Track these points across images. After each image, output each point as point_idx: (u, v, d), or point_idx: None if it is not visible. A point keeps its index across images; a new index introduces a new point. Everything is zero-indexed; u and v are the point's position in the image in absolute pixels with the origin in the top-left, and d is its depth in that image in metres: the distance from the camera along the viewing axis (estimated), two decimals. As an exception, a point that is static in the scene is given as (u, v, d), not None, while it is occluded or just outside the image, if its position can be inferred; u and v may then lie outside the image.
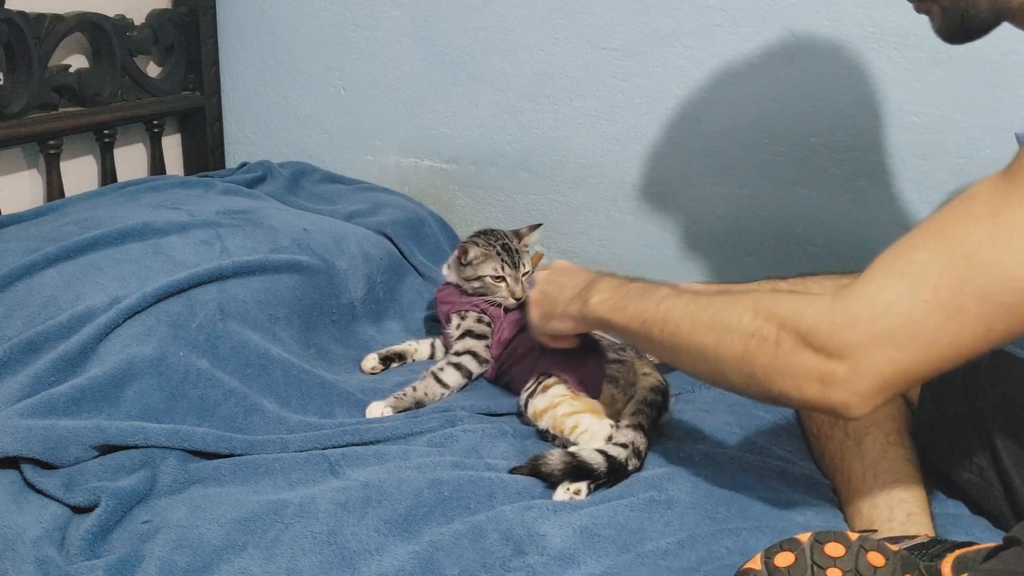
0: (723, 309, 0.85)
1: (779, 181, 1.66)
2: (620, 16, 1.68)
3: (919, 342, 0.74)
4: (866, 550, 0.70)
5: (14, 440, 0.97)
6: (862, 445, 1.01)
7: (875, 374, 0.75)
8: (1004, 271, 0.71)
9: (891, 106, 1.55)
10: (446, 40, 1.82)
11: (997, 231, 0.72)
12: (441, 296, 1.40)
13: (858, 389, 0.76)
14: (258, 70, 1.97)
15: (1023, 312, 0.72)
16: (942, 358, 0.75)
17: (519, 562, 0.85)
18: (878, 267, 0.78)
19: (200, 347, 1.14)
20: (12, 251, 1.23)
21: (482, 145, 1.84)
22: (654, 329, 0.91)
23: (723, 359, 0.84)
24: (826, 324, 0.76)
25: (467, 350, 1.30)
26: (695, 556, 0.86)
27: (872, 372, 0.75)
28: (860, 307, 0.76)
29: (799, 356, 0.77)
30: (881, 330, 0.74)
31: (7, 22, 1.44)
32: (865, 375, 0.75)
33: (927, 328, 0.73)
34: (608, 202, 1.78)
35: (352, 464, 1.02)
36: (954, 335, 0.73)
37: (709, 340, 0.85)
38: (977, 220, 0.73)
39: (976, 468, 0.99)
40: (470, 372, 1.28)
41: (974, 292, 0.72)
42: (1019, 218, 0.71)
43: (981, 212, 0.73)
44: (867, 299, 0.76)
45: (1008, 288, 0.71)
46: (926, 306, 0.73)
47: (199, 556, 0.87)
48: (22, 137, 1.51)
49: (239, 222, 1.41)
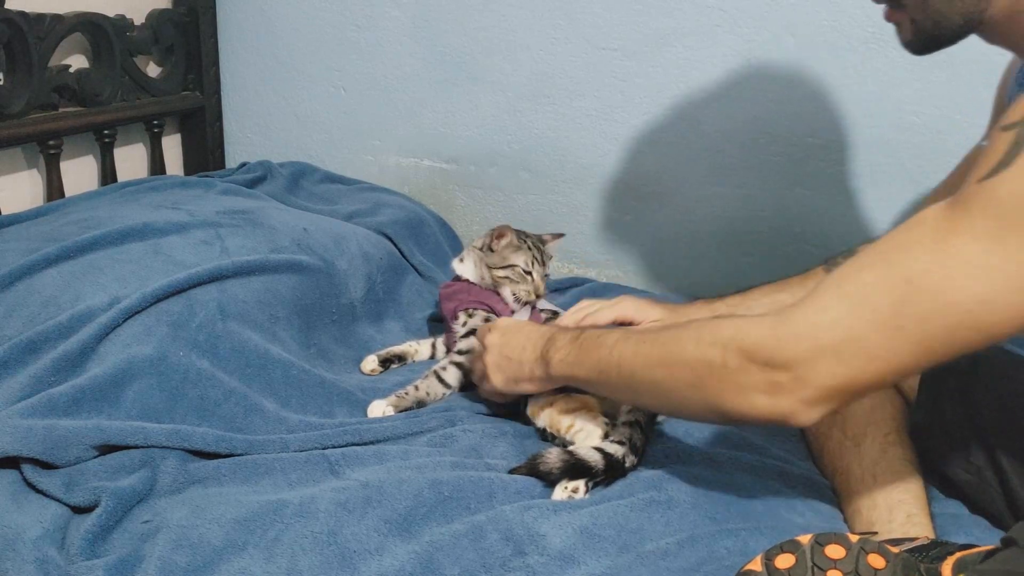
0: (669, 343, 0.88)
1: (778, 181, 1.66)
2: (620, 16, 1.68)
3: (860, 356, 0.77)
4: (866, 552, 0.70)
5: (14, 440, 0.97)
6: (861, 446, 1.01)
7: (819, 384, 0.79)
8: (944, 296, 0.74)
9: (891, 106, 1.55)
10: (446, 40, 1.82)
11: (941, 258, 0.75)
12: (447, 292, 1.38)
13: (803, 397, 0.79)
14: (258, 70, 1.97)
15: (963, 335, 0.75)
16: (883, 373, 0.78)
17: (519, 562, 0.85)
18: (825, 287, 0.81)
19: (200, 347, 1.14)
20: (12, 251, 1.23)
21: (482, 145, 1.84)
22: (611, 375, 0.94)
23: (678, 390, 0.87)
24: (771, 340, 0.80)
25: (470, 349, 1.29)
26: (695, 556, 0.86)
27: (815, 382, 0.79)
28: (805, 323, 0.79)
29: (746, 372, 0.81)
30: (824, 344, 0.78)
31: (7, 22, 1.44)
32: (809, 384, 0.79)
33: (868, 344, 0.77)
34: (608, 202, 1.78)
35: (352, 464, 1.02)
36: (895, 352, 0.77)
37: (661, 375, 0.88)
38: (923, 246, 0.76)
39: (974, 468, 0.99)
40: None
41: (915, 314, 0.75)
42: (962, 246, 0.74)
43: (927, 239, 0.76)
44: (811, 316, 0.79)
45: (948, 312, 0.74)
46: (868, 323, 0.77)
47: (199, 556, 0.87)
48: (22, 137, 1.51)
49: (239, 222, 1.41)
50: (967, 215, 0.74)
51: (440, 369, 1.26)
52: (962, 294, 0.73)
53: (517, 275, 1.33)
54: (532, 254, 1.34)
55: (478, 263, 1.37)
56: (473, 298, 1.34)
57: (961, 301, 0.74)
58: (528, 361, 1.07)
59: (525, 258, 1.33)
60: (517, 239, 1.35)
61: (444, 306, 1.38)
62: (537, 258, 1.34)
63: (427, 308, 1.57)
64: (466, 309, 1.33)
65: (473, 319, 1.32)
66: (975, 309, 0.73)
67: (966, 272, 0.73)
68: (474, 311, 1.33)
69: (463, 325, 1.32)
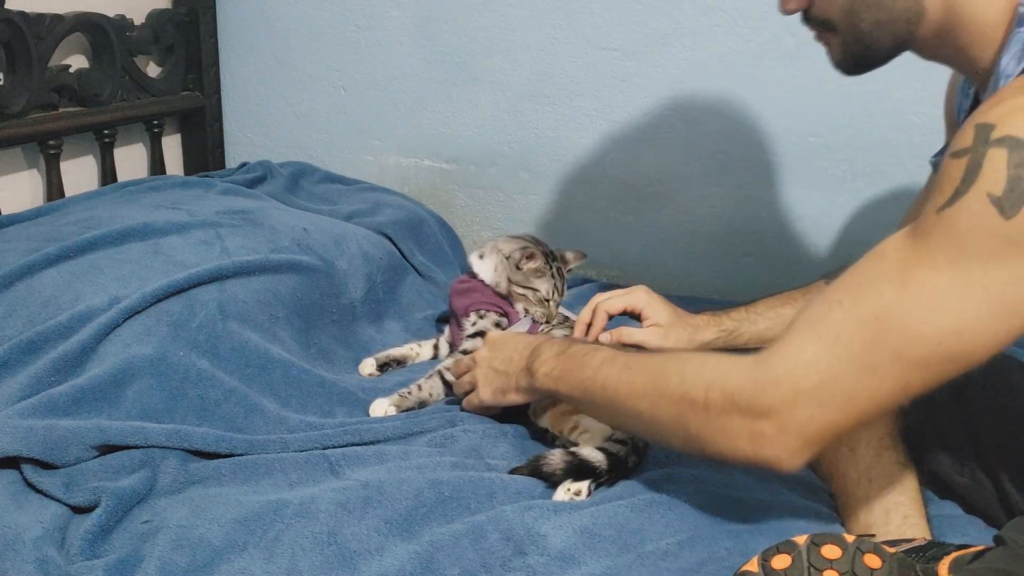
0: (655, 374, 0.88)
1: (778, 181, 1.66)
2: (620, 16, 1.68)
3: (839, 399, 0.77)
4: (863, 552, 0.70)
5: (14, 440, 0.97)
6: (856, 451, 1.01)
7: (800, 432, 0.79)
8: (913, 330, 0.74)
9: (891, 106, 1.55)
10: (446, 40, 1.82)
11: (906, 292, 0.75)
12: (462, 288, 1.36)
13: (787, 446, 0.80)
14: (258, 70, 1.97)
15: (937, 367, 0.75)
16: (863, 411, 0.79)
17: (519, 562, 0.85)
18: (798, 328, 0.81)
19: (200, 347, 1.14)
20: (12, 251, 1.23)
21: (482, 145, 1.84)
22: (595, 396, 0.94)
23: (659, 422, 0.88)
24: (750, 386, 0.80)
25: (475, 350, 1.29)
26: (695, 557, 0.86)
27: (797, 430, 0.79)
28: (782, 368, 0.79)
29: (727, 418, 0.81)
30: (802, 389, 0.78)
31: (7, 22, 1.44)
32: (791, 433, 0.79)
33: (845, 385, 0.77)
34: (608, 202, 1.78)
35: (352, 464, 1.02)
36: (873, 390, 0.77)
37: (644, 405, 0.88)
38: (888, 280, 0.76)
39: (968, 470, 0.99)
40: None
41: (887, 350, 0.75)
42: (924, 278, 0.74)
43: (890, 272, 0.76)
44: (788, 360, 0.79)
45: (918, 346, 0.74)
46: (842, 364, 0.77)
47: (199, 556, 0.86)
48: (22, 137, 1.51)
49: (239, 222, 1.41)
50: (927, 246, 0.74)
51: (444, 369, 1.25)
52: (930, 327, 0.73)
53: (536, 299, 1.32)
54: (555, 283, 1.33)
55: (499, 268, 1.35)
56: (487, 300, 1.33)
57: (930, 334, 0.74)
58: (514, 372, 1.07)
59: (547, 287, 1.32)
60: (544, 265, 1.33)
61: (456, 301, 1.36)
62: (558, 287, 1.34)
63: (427, 308, 1.56)
64: (478, 310, 1.32)
65: (483, 321, 1.31)
66: (946, 341, 0.74)
67: (932, 304, 0.73)
68: (486, 313, 1.32)
69: (472, 325, 1.31)
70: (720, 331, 1.22)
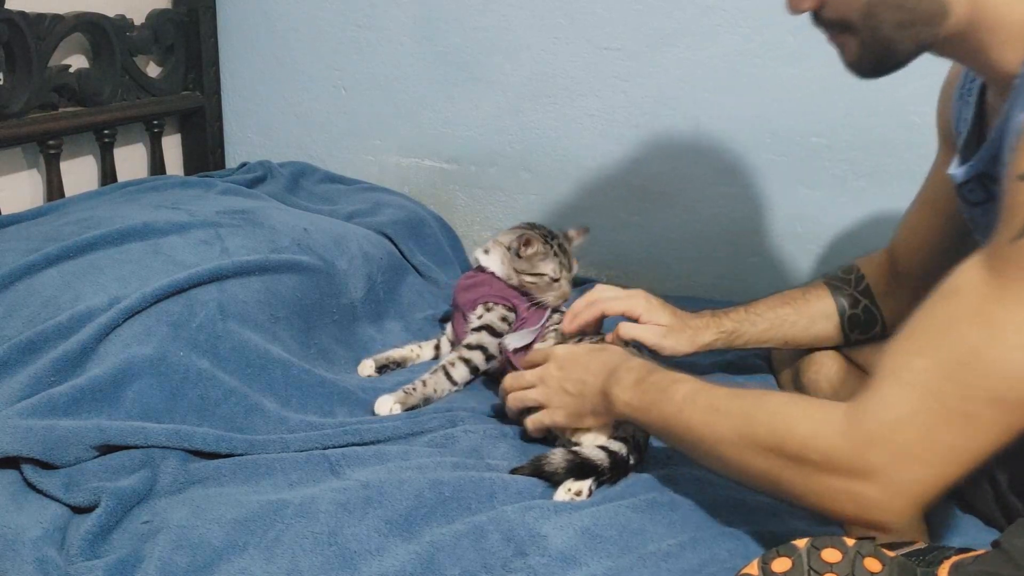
0: (740, 422, 0.84)
1: (780, 181, 1.66)
2: (621, 16, 1.68)
3: (940, 455, 0.74)
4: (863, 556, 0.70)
5: (14, 440, 0.97)
6: None
7: (908, 493, 0.75)
8: (1005, 371, 0.70)
9: (891, 106, 1.55)
10: (447, 40, 1.82)
11: (990, 332, 0.71)
12: (469, 282, 1.35)
13: (895, 509, 0.76)
14: (258, 70, 1.97)
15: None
16: (969, 461, 0.74)
17: (520, 563, 0.85)
18: (883, 376, 0.77)
19: (200, 347, 1.14)
20: (12, 251, 1.23)
21: (482, 145, 1.84)
22: (681, 436, 0.91)
23: (749, 474, 0.85)
24: (846, 447, 0.76)
25: (479, 344, 1.28)
26: (697, 558, 0.86)
27: (906, 491, 0.75)
28: (875, 425, 0.75)
29: (825, 478, 0.78)
30: (900, 447, 0.74)
31: (7, 22, 1.44)
32: (899, 495, 0.75)
33: (944, 439, 0.73)
34: (609, 202, 1.78)
35: (353, 464, 1.02)
36: (973, 439, 0.73)
37: (732, 455, 0.85)
38: (967, 321, 0.72)
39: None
40: (477, 368, 1.27)
41: (983, 397, 0.71)
42: (1008, 315, 0.70)
43: (969, 311, 0.73)
44: (880, 415, 0.75)
45: (1015, 387, 0.71)
46: (938, 417, 0.73)
47: (199, 556, 0.86)
48: (22, 137, 1.51)
49: (239, 222, 1.40)
50: (1005, 280, 0.71)
51: (448, 365, 1.25)
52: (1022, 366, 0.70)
53: (545, 283, 1.30)
54: (559, 260, 1.31)
55: (505, 261, 1.33)
56: (495, 292, 1.32)
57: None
58: (590, 395, 1.04)
59: (553, 266, 1.30)
60: (544, 246, 1.31)
61: (463, 296, 1.34)
62: (564, 263, 1.31)
63: (427, 308, 1.56)
64: (486, 303, 1.31)
65: (491, 314, 1.30)
66: None
67: (1020, 342, 0.70)
68: (493, 305, 1.31)
69: (479, 318, 1.30)
70: (720, 332, 1.22)
